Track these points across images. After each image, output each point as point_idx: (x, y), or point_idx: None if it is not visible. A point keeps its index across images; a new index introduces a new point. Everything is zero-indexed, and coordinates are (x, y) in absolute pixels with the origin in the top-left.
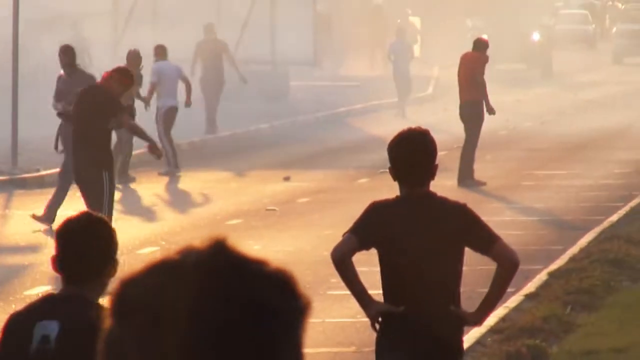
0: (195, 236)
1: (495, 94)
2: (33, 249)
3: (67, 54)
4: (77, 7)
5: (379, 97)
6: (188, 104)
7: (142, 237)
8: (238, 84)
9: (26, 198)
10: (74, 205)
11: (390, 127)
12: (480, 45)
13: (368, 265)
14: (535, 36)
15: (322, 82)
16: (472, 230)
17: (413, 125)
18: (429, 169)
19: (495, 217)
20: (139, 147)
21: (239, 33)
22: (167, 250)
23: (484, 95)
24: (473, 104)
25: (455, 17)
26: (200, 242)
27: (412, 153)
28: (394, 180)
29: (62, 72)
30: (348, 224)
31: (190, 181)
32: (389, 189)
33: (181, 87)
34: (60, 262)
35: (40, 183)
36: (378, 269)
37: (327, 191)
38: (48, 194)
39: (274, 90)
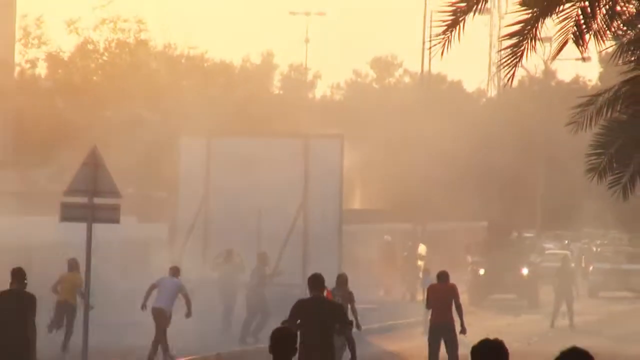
0: None
1: (489, 319)
2: None
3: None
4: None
5: (395, 318)
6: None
7: None
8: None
9: None
10: None
11: (405, 344)
12: (445, 277)
13: None
14: (525, 271)
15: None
16: None
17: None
18: None
19: None
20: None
21: (276, 261)
22: None
23: (460, 317)
24: (451, 325)
25: (458, 252)
26: None
27: (486, 359)
28: None
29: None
30: None
31: None
32: None
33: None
34: None
35: None
36: None
37: None
38: None
39: None
